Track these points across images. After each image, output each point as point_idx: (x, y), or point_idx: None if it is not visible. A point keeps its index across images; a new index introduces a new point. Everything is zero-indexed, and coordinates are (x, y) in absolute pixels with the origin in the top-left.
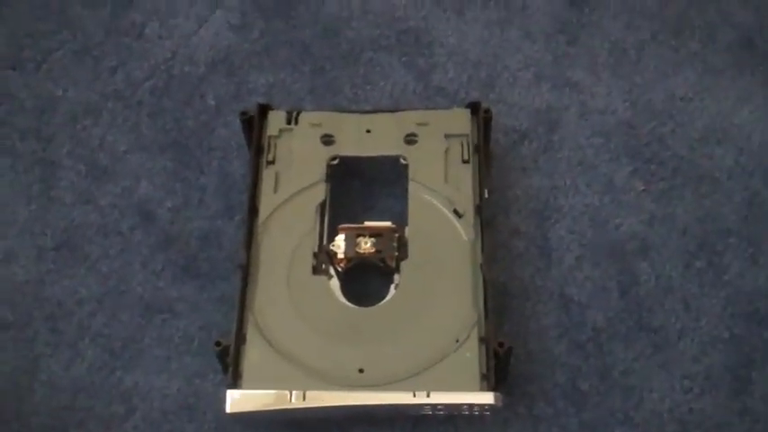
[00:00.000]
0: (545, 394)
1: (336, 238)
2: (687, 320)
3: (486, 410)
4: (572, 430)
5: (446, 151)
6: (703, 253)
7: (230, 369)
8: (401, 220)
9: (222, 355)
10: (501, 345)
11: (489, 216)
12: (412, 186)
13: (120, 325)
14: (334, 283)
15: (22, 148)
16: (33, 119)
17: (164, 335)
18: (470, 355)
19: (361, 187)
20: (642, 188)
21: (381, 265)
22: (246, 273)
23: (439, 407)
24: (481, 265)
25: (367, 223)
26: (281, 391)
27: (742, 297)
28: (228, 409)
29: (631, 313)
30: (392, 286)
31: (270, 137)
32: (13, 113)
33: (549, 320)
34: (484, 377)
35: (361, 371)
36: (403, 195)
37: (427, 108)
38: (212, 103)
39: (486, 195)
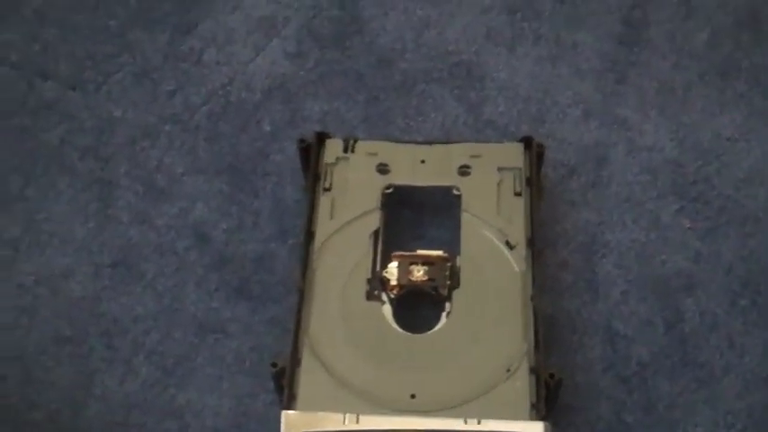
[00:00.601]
0: (590, 426)
1: (390, 266)
2: (731, 357)
3: None
4: None
5: (499, 184)
6: (747, 291)
7: (286, 390)
8: (451, 249)
9: (278, 376)
10: (552, 376)
11: (538, 248)
12: (465, 217)
13: (174, 343)
14: (387, 309)
15: (81, 167)
16: (92, 139)
17: (216, 354)
18: (521, 385)
19: (411, 216)
20: (688, 226)
21: (433, 293)
22: (302, 296)
23: None
24: (532, 296)
25: (420, 251)
26: (334, 414)
27: None
28: (283, 430)
29: (676, 349)
30: (443, 314)
31: (327, 164)
32: (73, 133)
33: (595, 353)
34: (533, 406)
35: (413, 396)
36: (453, 225)
37: (480, 141)
38: (268, 128)
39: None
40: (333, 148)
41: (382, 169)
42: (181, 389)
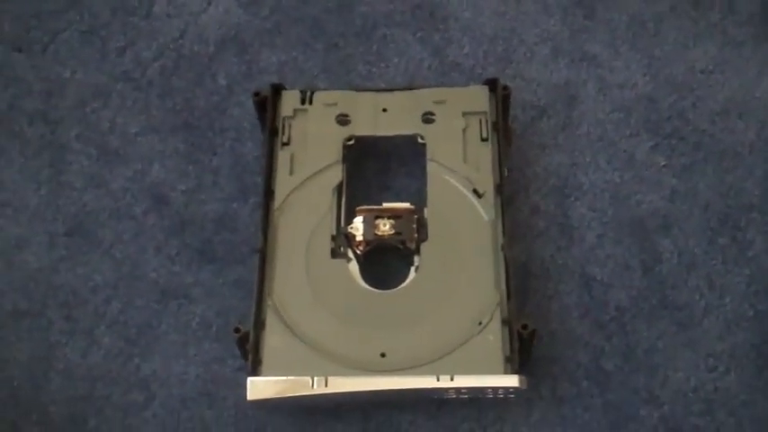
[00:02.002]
0: (568, 375)
1: (354, 221)
2: (711, 298)
3: (511, 393)
4: (596, 411)
5: (464, 130)
6: (726, 229)
7: (250, 356)
8: (418, 200)
9: (241, 341)
10: (525, 327)
11: (509, 194)
12: (430, 166)
13: (136, 311)
14: (353, 266)
15: (30, 132)
16: (41, 102)
17: (180, 321)
18: (493, 338)
19: (376, 167)
20: (663, 163)
21: (401, 247)
22: (264, 257)
23: (463, 390)
24: (502, 245)
25: (385, 205)
26: (302, 378)
27: (766, 274)
28: (249, 397)
29: (654, 291)
30: (412, 269)
31: (284, 118)
32: (20, 97)
33: (571, 300)
34: (508, 359)
35: (383, 355)
36: (420, 175)
37: (444, 85)
38: (223, 82)
39: (506, 174)
40: (290, 100)
41: (342, 120)
42: (145, 358)
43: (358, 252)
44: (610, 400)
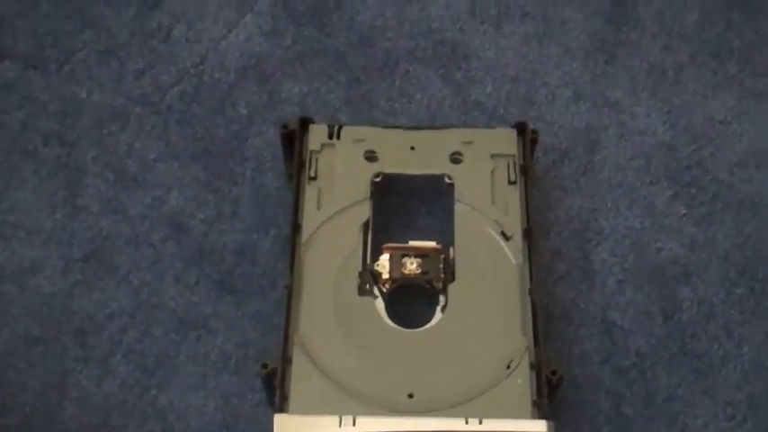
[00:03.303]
0: (589, 420)
1: (381, 258)
2: (729, 347)
3: None
4: None
5: (492, 172)
6: (744, 279)
7: (278, 392)
8: (441, 240)
9: (268, 378)
10: (554, 373)
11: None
12: (459, 207)
13: (153, 341)
14: (379, 303)
15: (45, 153)
16: (56, 122)
17: (199, 352)
18: (522, 382)
19: (401, 205)
20: (683, 212)
21: (427, 286)
22: (291, 293)
23: None
24: (530, 289)
25: (412, 243)
26: (330, 417)
27: None
28: None
29: (674, 339)
30: (438, 308)
31: (311, 151)
32: (34, 116)
33: (593, 345)
34: (535, 404)
35: (410, 396)
36: (443, 214)
37: (470, 125)
38: (244, 111)
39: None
40: (317, 134)
41: (370, 156)
42: (162, 389)
43: (384, 290)
44: None
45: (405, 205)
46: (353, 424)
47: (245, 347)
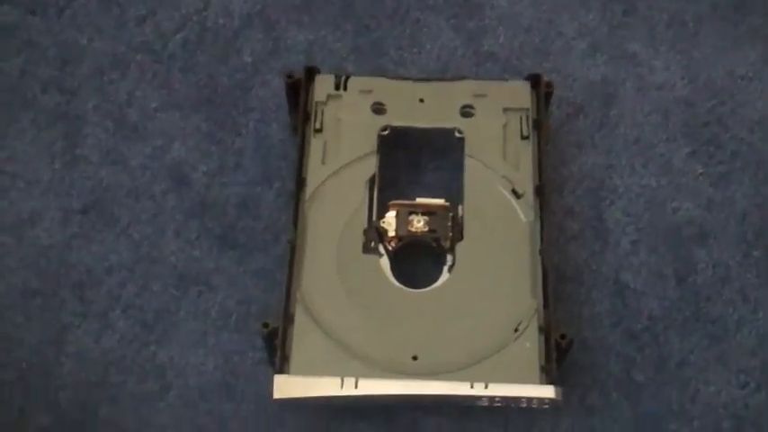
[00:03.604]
0: (599, 385)
1: (387, 215)
2: (745, 312)
3: (546, 404)
4: (626, 423)
5: (504, 126)
6: (761, 242)
7: (278, 352)
8: (450, 196)
9: (269, 337)
10: (563, 336)
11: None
12: (468, 162)
13: (153, 296)
14: (385, 262)
15: (45, 100)
16: (56, 69)
17: (199, 308)
18: (530, 346)
19: (407, 160)
20: (700, 171)
21: (434, 245)
22: (294, 249)
23: (497, 399)
24: (541, 250)
25: (419, 200)
26: (331, 378)
27: None
28: (276, 395)
29: (688, 302)
30: (445, 268)
31: (317, 103)
32: (33, 62)
33: (604, 307)
34: (543, 369)
35: (414, 358)
36: (452, 170)
37: (483, 78)
38: (249, 59)
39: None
40: (323, 84)
41: (378, 109)
42: (162, 345)
43: (390, 248)
44: (640, 413)
45: (413, 160)
46: (355, 386)
47: (246, 304)
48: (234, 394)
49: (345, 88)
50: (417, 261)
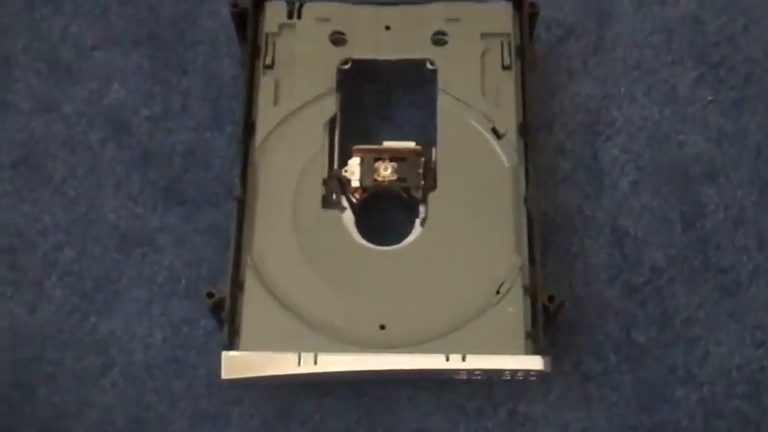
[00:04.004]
0: (594, 347)
1: (350, 163)
2: (760, 260)
3: (533, 375)
4: (626, 390)
5: (483, 55)
6: None
7: (226, 326)
8: (425, 139)
9: (216, 308)
10: (551, 299)
11: (532, 135)
12: (442, 99)
13: (93, 261)
14: (348, 217)
15: None
16: None
17: (144, 273)
18: (513, 310)
19: (375, 97)
20: (710, 98)
21: (404, 195)
22: (243, 206)
23: (476, 372)
24: (526, 197)
25: (386, 144)
26: (287, 354)
27: None
28: (224, 375)
29: (696, 251)
30: (417, 222)
31: (267, 34)
32: None
33: (600, 259)
34: (529, 336)
35: (382, 327)
36: (427, 107)
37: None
38: None
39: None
40: (274, 12)
41: (337, 39)
42: (103, 317)
43: (353, 200)
44: (641, 378)
45: (380, 98)
46: (315, 362)
47: (196, 267)
48: (184, 369)
49: (300, 16)
50: (386, 215)
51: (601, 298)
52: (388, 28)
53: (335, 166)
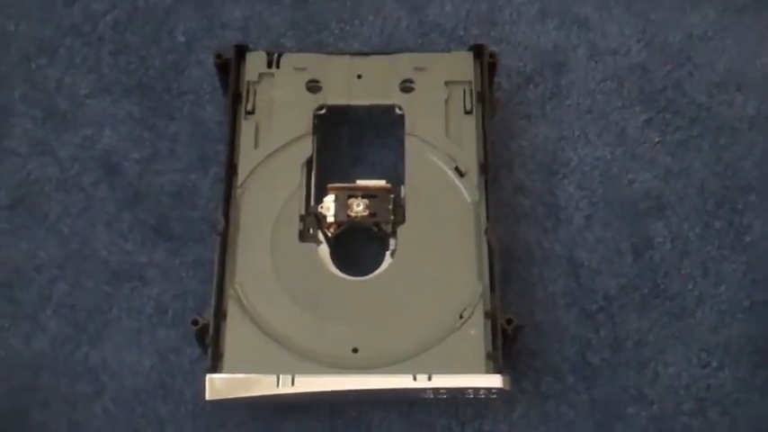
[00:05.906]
0: (553, 369)
1: (325, 200)
2: (705, 287)
3: (493, 393)
4: (582, 408)
5: (447, 101)
6: (723, 212)
7: (210, 351)
8: (395, 177)
9: (200, 334)
10: (509, 321)
11: (492, 172)
12: (409, 141)
13: (85, 294)
14: (323, 250)
15: None
16: None
17: (133, 305)
18: (475, 333)
19: (347, 139)
20: (657, 139)
21: (375, 229)
22: (225, 240)
23: (441, 390)
24: (486, 230)
25: (359, 182)
26: (267, 376)
27: (764, 261)
28: (208, 396)
29: (645, 279)
30: (387, 253)
31: (249, 82)
32: None
33: (557, 287)
34: (490, 357)
35: (355, 351)
36: (396, 149)
37: (424, 49)
38: (182, 39)
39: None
40: (255, 62)
41: (313, 86)
42: (95, 346)
43: (329, 234)
44: (596, 397)
45: (351, 141)
46: (292, 383)
47: (182, 299)
48: (171, 395)
49: (278, 66)
50: (358, 247)
51: (558, 323)
52: (359, 77)
53: (312, 203)
